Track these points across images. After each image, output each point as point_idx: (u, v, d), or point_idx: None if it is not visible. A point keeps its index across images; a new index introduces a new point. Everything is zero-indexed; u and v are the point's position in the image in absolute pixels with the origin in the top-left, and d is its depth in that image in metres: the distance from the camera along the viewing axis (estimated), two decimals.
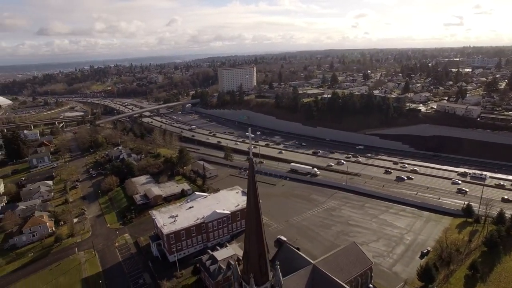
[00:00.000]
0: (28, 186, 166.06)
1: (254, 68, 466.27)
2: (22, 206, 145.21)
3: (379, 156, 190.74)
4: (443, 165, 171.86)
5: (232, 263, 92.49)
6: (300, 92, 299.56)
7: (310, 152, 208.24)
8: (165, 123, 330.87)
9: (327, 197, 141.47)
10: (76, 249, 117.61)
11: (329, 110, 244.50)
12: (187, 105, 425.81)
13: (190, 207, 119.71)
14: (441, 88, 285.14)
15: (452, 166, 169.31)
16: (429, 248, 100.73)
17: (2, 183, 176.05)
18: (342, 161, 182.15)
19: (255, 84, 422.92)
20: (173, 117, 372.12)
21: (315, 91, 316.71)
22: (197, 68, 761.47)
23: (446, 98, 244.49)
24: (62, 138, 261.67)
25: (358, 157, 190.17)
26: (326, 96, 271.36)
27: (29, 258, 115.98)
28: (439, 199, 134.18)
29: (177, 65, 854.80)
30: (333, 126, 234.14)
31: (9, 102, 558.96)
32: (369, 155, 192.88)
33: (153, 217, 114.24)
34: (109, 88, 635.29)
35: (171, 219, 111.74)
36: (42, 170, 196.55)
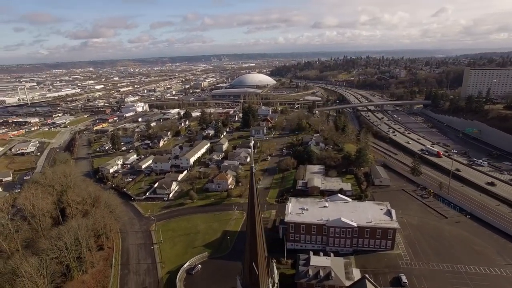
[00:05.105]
0: (237, 150, 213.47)
1: None
2: (225, 163, 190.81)
3: None
4: None
5: (322, 274, 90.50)
6: None
7: None
8: (379, 120, 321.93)
9: None
10: (235, 207, 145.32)
11: None
12: (417, 106, 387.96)
13: (324, 206, 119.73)
14: None
15: None
16: None
17: (227, 143, 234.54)
18: None
19: None
20: (394, 115, 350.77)
21: None
22: (454, 65, 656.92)
23: None
24: (283, 117, 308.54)
25: None
26: None
27: (210, 201, 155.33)
28: None
29: (430, 61, 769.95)
30: None
31: (274, 82, 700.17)
32: None
33: (288, 203, 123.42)
34: (351, 78, 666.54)
35: (299, 210, 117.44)
36: (254, 140, 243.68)
